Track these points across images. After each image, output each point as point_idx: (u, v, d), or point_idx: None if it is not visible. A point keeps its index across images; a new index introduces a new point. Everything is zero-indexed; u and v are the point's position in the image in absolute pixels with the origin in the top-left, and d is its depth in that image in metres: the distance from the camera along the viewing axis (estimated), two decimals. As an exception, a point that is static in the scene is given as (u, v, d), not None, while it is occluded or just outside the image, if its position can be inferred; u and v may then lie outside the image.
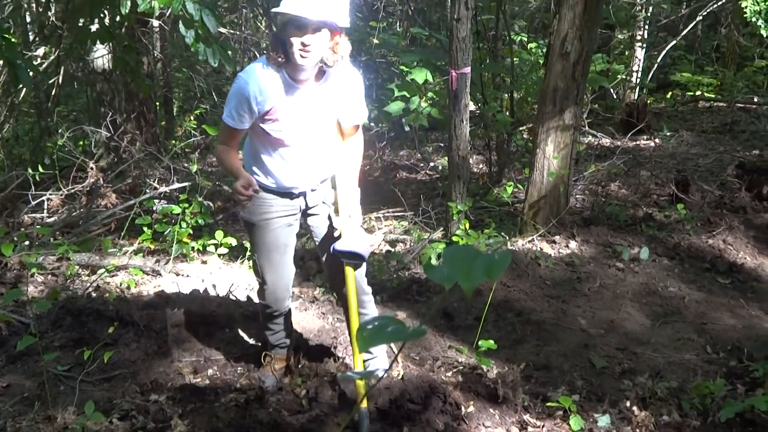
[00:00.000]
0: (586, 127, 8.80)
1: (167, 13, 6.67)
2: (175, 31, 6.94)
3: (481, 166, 9.45)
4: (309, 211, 3.67)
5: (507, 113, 8.19)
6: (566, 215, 6.20)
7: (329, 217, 3.66)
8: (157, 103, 11.99)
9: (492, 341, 4.13)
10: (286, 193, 3.54)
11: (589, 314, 4.91)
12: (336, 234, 3.52)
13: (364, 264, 3.72)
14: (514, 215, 6.75)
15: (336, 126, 3.54)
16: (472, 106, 6.75)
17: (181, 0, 5.00)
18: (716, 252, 5.94)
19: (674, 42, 12.81)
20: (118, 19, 6.68)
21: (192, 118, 9.73)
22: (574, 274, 5.45)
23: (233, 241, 5.96)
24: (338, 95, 3.40)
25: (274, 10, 3.13)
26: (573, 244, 5.96)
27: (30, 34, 11.01)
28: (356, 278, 3.59)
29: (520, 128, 8.66)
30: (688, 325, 4.79)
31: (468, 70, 5.56)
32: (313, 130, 3.39)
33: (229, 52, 5.73)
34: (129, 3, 5.20)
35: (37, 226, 6.35)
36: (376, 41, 8.90)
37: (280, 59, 3.20)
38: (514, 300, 4.98)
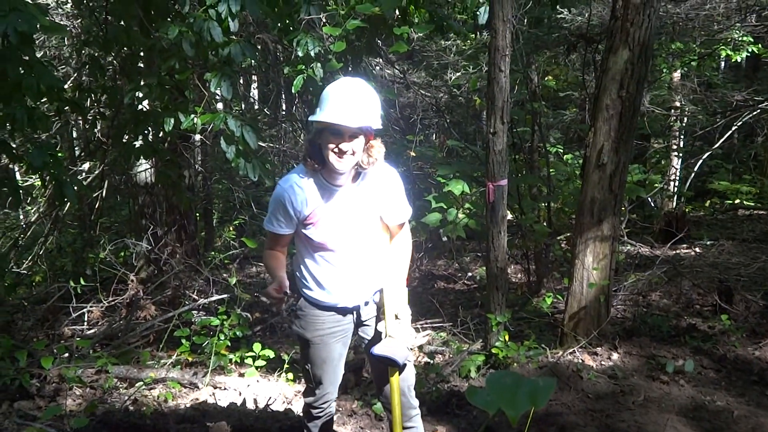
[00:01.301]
0: (624, 237, 8.75)
1: (209, 128, 6.88)
2: (216, 145, 7.12)
3: (519, 276, 9.40)
4: (363, 323, 3.66)
5: (544, 223, 8.19)
6: (607, 326, 6.10)
7: (376, 319, 3.62)
8: (197, 215, 12.20)
9: (535, 458, 4.02)
10: (340, 310, 3.54)
11: (634, 429, 4.76)
12: (382, 336, 3.45)
13: (412, 375, 3.68)
14: (554, 326, 6.66)
15: (383, 228, 3.54)
16: (509, 216, 6.77)
17: (222, 117, 5.17)
18: (764, 364, 5.77)
19: (710, 151, 12.84)
20: (161, 135, 6.90)
21: (231, 229, 9.88)
22: (617, 387, 5.32)
23: (271, 354, 5.94)
24: (377, 195, 3.41)
25: (311, 118, 3.21)
26: (615, 356, 5.84)
27: (76, 149, 11.36)
28: (403, 389, 3.55)
29: (558, 238, 8.64)
30: (739, 441, 4.63)
31: (505, 182, 5.60)
32: (355, 232, 3.39)
33: (268, 166, 5.86)
34: (172, 121, 5.38)
35: (77, 339, 6.40)
36: (413, 154, 9.04)
37: (316, 165, 3.26)
38: (556, 414, 4.86)
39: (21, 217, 11.81)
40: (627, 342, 6.09)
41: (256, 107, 13.70)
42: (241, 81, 13.71)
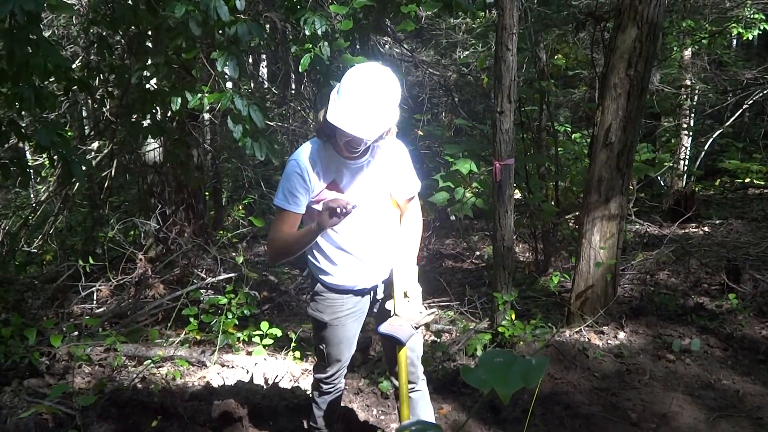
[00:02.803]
0: (632, 216, 8.73)
1: (217, 108, 6.89)
2: (225, 124, 7.14)
3: (527, 255, 9.40)
4: (377, 300, 3.67)
5: (552, 203, 8.18)
6: (614, 305, 6.11)
7: (386, 297, 3.63)
8: (207, 194, 12.22)
9: (540, 436, 4.05)
10: (358, 291, 3.55)
11: (639, 407, 4.78)
12: (390, 314, 3.45)
13: (420, 346, 3.73)
14: (561, 305, 6.67)
15: (393, 203, 3.54)
16: (517, 195, 6.76)
17: (229, 96, 5.17)
18: (771, 343, 5.78)
19: (721, 130, 12.76)
20: (168, 114, 6.91)
21: (241, 207, 9.90)
22: (623, 366, 5.33)
23: (278, 332, 5.97)
24: (387, 168, 3.42)
25: (330, 120, 3.10)
26: (622, 335, 5.85)
27: (86, 128, 11.38)
28: (412, 359, 3.59)
29: (567, 217, 8.63)
30: (744, 419, 4.63)
31: (512, 161, 5.60)
32: (367, 206, 3.36)
33: (276, 146, 5.86)
34: (179, 100, 5.39)
35: (86, 317, 6.45)
36: (420, 133, 9.02)
37: (326, 136, 3.27)
38: (562, 393, 4.89)
39: (32, 196, 11.85)
40: (633, 321, 6.09)
41: (266, 86, 13.66)
42: (251, 60, 13.69)
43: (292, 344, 5.86)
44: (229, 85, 8.44)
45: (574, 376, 5.13)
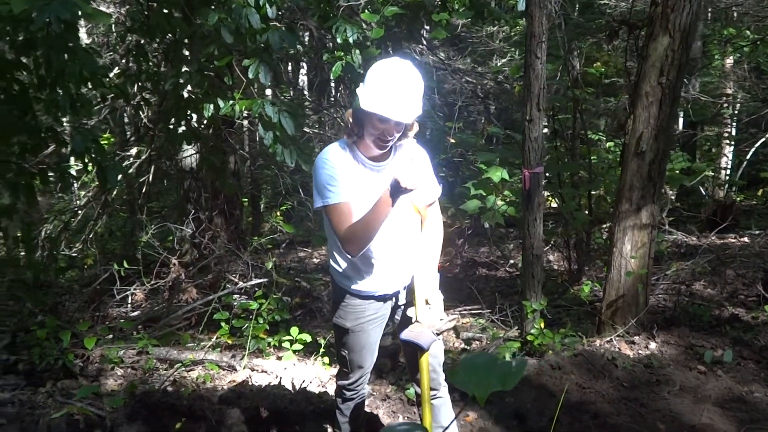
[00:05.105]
0: (666, 225, 8.65)
1: (254, 115, 6.97)
2: (260, 130, 7.21)
3: (562, 264, 9.35)
4: (399, 307, 3.68)
5: (586, 211, 8.13)
6: (646, 315, 6.05)
7: (408, 304, 3.63)
8: (245, 200, 12.35)
9: (564, 445, 4.03)
10: (380, 297, 3.57)
11: (668, 418, 4.73)
12: (412, 320, 3.44)
13: (442, 352, 3.74)
14: (592, 315, 6.62)
15: (414, 209, 3.51)
16: (553, 204, 6.73)
17: (260, 103, 5.23)
18: (806, 357, 5.69)
19: (763, 139, 12.58)
20: (204, 121, 7.00)
21: (279, 214, 9.98)
22: (652, 376, 5.28)
23: (308, 338, 6.01)
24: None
25: (363, 107, 3.14)
26: (653, 345, 5.80)
27: (128, 133, 11.54)
28: (434, 366, 3.62)
29: (602, 226, 8.57)
30: (775, 432, 4.57)
31: (541, 169, 5.59)
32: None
33: (308, 152, 5.92)
34: (212, 107, 5.47)
35: (121, 320, 6.55)
36: (453, 140, 9.03)
37: (355, 135, 3.27)
38: (589, 402, 4.86)
39: (76, 201, 12.06)
40: (665, 331, 6.03)
41: (306, 93, 13.77)
42: (290, 68, 13.80)
43: (321, 350, 5.91)
44: (268, 92, 8.53)
45: (603, 385, 5.10)
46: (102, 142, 5.49)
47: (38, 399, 4.84)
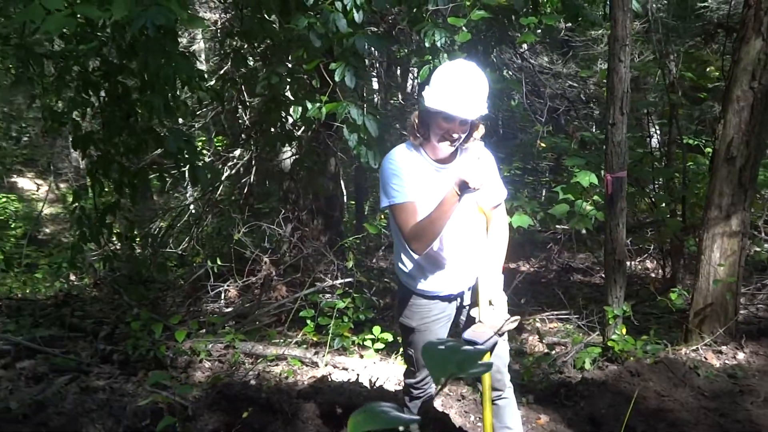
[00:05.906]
0: (762, 234, 8.35)
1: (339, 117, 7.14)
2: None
3: (657, 271, 9.17)
4: (464, 307, 3.74)
5: (679, 218, 7.94)
6: (736, 325, 5.90)
7: (472, 305, 3.67)
8: (353, 202, 12.58)
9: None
10: (445, 297, 3.63)
11: (749, 429, 4.62)
12: (475, 321, 3.49)
13: (507, 354, 3.77)
14: (681, 323, 6.50)
15: (480, 211, 3.57)
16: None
17: (345, 106, 5.37)
18: None
19: None
20: (300, 124, 7.21)
21: (382, 216, 10.14)
22: (736, 387, 5.15)
23: (389, 337, 6.12)
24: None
25: (429, 104, 3.22)
26: (741, 356, 5.65)
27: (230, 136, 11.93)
28: (499, 367, 3.66)
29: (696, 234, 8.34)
30: None
31: (624, 174, 5.53)
32: (455, 213, 3.34)
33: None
34: (300, 110, 5.66)
35: (213, 315, 6.81)
36: (542, 145, 8.98)
37: (421, 136, 3.34)
38: (667, 410, 4.79)
39: (189, 199, 12.52)
40: (755, 342, 5.87)
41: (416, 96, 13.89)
42: (398, 71, 13.94)
43: (401, 349, 6.01)
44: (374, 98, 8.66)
45: (682, 394, 5.01)
46: (196, 143, 5.75)
47: (129, 387, 5.12)
